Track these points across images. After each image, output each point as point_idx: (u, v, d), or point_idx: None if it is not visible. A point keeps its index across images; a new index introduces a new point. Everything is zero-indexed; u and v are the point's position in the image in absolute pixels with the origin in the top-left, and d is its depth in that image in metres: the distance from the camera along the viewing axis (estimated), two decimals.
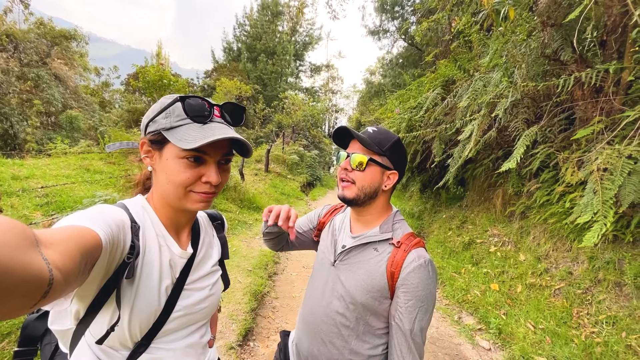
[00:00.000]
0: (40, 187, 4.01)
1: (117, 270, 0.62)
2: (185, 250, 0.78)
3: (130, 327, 0.67)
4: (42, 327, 0.84)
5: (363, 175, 0.95)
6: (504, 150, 4.56)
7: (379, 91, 18.77)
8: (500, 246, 4.19)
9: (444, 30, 7.80)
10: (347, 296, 0.96)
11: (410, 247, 0.92)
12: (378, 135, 0.96)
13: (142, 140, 0.73)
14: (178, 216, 0.77)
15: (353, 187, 0.96)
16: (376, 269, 0.94)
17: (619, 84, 2.98)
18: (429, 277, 0.89)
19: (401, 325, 0.89)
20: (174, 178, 0.68)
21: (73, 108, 13.81)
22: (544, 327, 2.86)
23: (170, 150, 0.69)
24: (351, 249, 1.00)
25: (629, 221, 2.79)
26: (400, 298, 0.90)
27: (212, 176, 0.70)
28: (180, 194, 0.70)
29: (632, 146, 2.38)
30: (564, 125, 3.60)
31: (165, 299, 0.72)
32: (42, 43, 13.33)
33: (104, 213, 0.60)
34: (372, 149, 0.94)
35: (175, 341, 0.76)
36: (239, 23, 25.94)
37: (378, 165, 0.95)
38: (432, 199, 7.44)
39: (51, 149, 8.02)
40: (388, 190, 1.00)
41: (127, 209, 0.71)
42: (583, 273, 3.02)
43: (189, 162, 0.68)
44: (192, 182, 0.69)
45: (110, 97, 20.81)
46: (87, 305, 0.64)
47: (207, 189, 0.71)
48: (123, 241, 0.62)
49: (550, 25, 3.19)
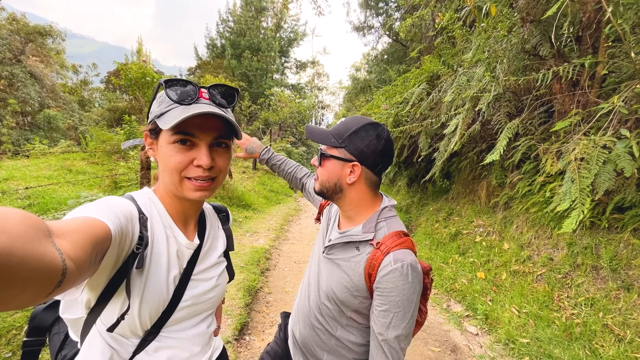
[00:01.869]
0: (24, 188, 3.89)
1: (126, 260, 0.64)
2: (192, 242, 0.79)
3: (141, 316, 0.68)
4: (50, 318, 0.85)
5: (321, 170, 0.95)
6: (487, 143, 4.70)
7: (365, 87, 18.86)
8: (485, 236, 4.34)
9: (428, 27, 7.92)
10: (329, 290, 0.96)
11: (390, 249, 0.85)
12: (340, 127, 0.92)
13: (144, 132, 0.74)
14: (184, 207, 0.78)
15: (317, 182, 0.98)
16: (355, 269, 0.91)
17: (594, 78, 3.12)
18: (405, 281, 0.81)
19: (375, 328, 0.86)
20: (167, 164, 0.69)
21: (51, 107, 13.32)
22: (527, 311, 3.00)
23: (163, 137, 0.69)
24: (334, 245, 0.98)
25: (605, 208, 2.95)
26: (375, 300, 0.86)
27: (202, 158, 0.68)
28: (175, 181, 0.70)
29: (606, 137, 2.51)
30: (543, 118, 3.74)
31: (174, 289, 0.73)
32: (16, 39, 12.79)
33: (112, 205, 0.61)
34: (326, 142, 0.91)
35: (183, 330, 0.78)
36: (222, 19, 25.48)
37: (334, 159, 0.91)
38: (419, 193, 7.59)
39: (29, 150, 7.75)
40: (357, 184, 0.92)
41: (135, 200, 0.72)
42: (563, 259, 3.17)
43: (178, 145, 0.68)
44: (183, 167, 0.69)
45: (90, 95, 20.17)
46: (97, 294, 0.65)
47: (200, 174, 0.69)
48: (132, 232, 0.63)
49: (530, 21, 3.31)
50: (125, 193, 0.75)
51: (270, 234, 5.65)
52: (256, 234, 5.55)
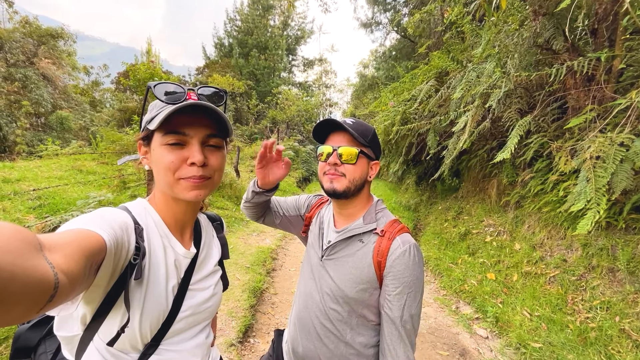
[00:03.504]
0: (33, 190, 3.95)
1: (123, 272, 0.63)
2: (189, 250, 0.78)
3: (141, 328, 0.67)
4: (35, 337, 0.82)
5: (354, 168, 0.93)
6: (498, 140, 4.59)
7: (372, 84, 18.68)
8: (495, 236, 4.24)
9: (436, 22, 7.78)
10: (338, 291, 0.96)
11: (394, 234, 0.92)
12: (359, 127, 0.95)
13: (138, 142, 0.73)
14: (180, 213, 0.77)
15: (343, 180, 0.94)
16: (363, 261, 0.93)
17: (611, 72, 3.00)
18: (414, 262, 0.89)
19: (390, 313, 0.88)
20: (161, 165, 0.68)
21: (63, 108, 13.59)
22: (539, 314, 2.91)
23: (155, 141, 0.70)
24: (336, 244, 0.99)
25: (622, 208, 2.83)
26: (388, 286, 0.89)
27: (195, 155, 0.67)
28: (170, 181, 0.69)
29: (623, 134, 2.41)
30: (556, 114, 3.62)
31: (172, 299, 0.73)
32: (29, 42, 13.06)
33: (106, 216, 0.60)
34: (361, 141, 0.93)
35: (183, 342, 0.77)
36: (229, 18, 25.59)
37: (366, 157, 0.96)
38: (428, 191, 7.48)
39: (42, 151, 7.90)
40: (371, 181, 1.02)
41: (129, 211, 0.71)
42: (577, 260, 3.07)
43: (170, 146, 0.68)
44: (177, 166, 0.68)
45: (101, 96, 20.52)
46: (94, 309, 0.64)
47: (194, 172, 0.68)
48: (127, 242, 0.62)
49: (542, 14, 3.19)
50: (132, 193, 0.74)
51: (277, 233, 5.64)
52: (263, 233, 5.56)
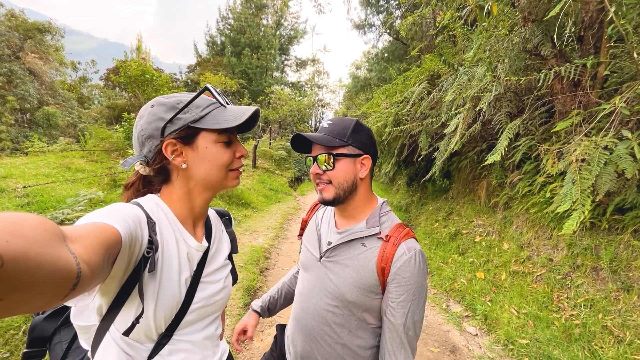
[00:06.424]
0: (22, 187, 3.87)
1: (137, 265, 0.65)
2: (201, 244, 0.81)
3: (156, 318, 0.70)
4: (51, 327, 0.85)
5: (335, 172, 0.92)
6: (488, 142, 4.69)
7: (365, 85, 18.82)
8: (485, 236, 4.33)
9: (429, 25, 7.89)
10: (337, 293, 0.94)
11: (400, 240, 0.89)
12: (335, 127, 0.93)
13: (167, 142, 0.72)
14: (199, 206, 0.81)
15: (330, 187, 0.93)
16: (365, 266, 0.90)
17: (596, 78, 3.11)
18: (419, 269, 0.86)
19: (393, 320, 0.87)
20: (218, 162, 0.76)
21: (50, 104, 13.29)
22: (526, 312, 3.00)
23: (205, 139, 0.74)
24: (337, 246, 0.97)
25: (605, 209, 2.94)
26: (392, 293, 0.87)
27: (242, 149, 0.81)
28: (222, 176, 0.78)
29: (607, 137, 2.50)
30: (544, 118, 3.73)
31: (185, 291, 0.75)
32: (14, 36, 12.74)
33: (120, 210, 0.63)
34: (333, 144, 0.90)
35: (194, 333, 0.80)
36: (222, 16, 25.40)
37: (346, 157, 0.92)
38: (419, 192, 7.58)
39: (28, 148, 7.73)
40: (366, 178, 0.96)
41: (142, 206, 0.72)
42: (562, 259, 3.17)
43: (224, 144, 0.76)
44: (231, 161, 0.78)
45: (89, 92, 20.14)
46: (110, 300, 0.66)
47: (240, 164, 0.82)
48: (141, 236, 0.64)
49: (532, 20, 3.28)
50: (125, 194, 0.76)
51: (270, 232, 5.64)
52: (255, 232, 5.55)
